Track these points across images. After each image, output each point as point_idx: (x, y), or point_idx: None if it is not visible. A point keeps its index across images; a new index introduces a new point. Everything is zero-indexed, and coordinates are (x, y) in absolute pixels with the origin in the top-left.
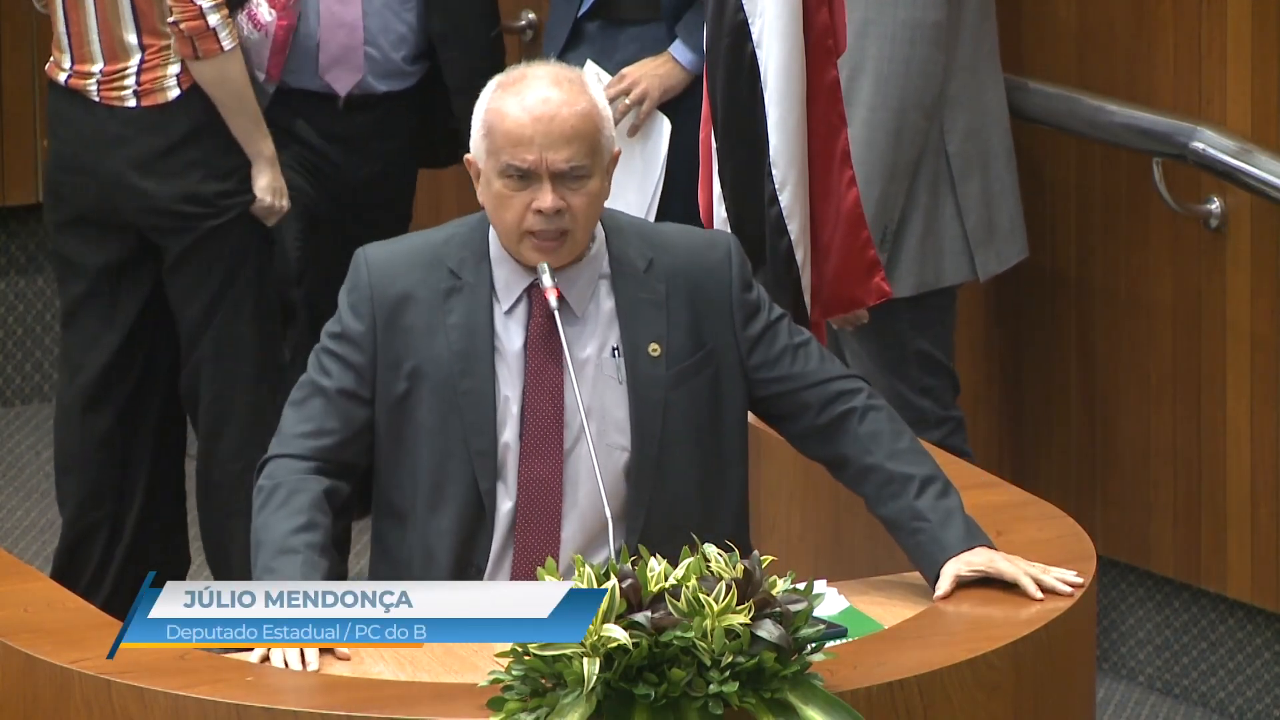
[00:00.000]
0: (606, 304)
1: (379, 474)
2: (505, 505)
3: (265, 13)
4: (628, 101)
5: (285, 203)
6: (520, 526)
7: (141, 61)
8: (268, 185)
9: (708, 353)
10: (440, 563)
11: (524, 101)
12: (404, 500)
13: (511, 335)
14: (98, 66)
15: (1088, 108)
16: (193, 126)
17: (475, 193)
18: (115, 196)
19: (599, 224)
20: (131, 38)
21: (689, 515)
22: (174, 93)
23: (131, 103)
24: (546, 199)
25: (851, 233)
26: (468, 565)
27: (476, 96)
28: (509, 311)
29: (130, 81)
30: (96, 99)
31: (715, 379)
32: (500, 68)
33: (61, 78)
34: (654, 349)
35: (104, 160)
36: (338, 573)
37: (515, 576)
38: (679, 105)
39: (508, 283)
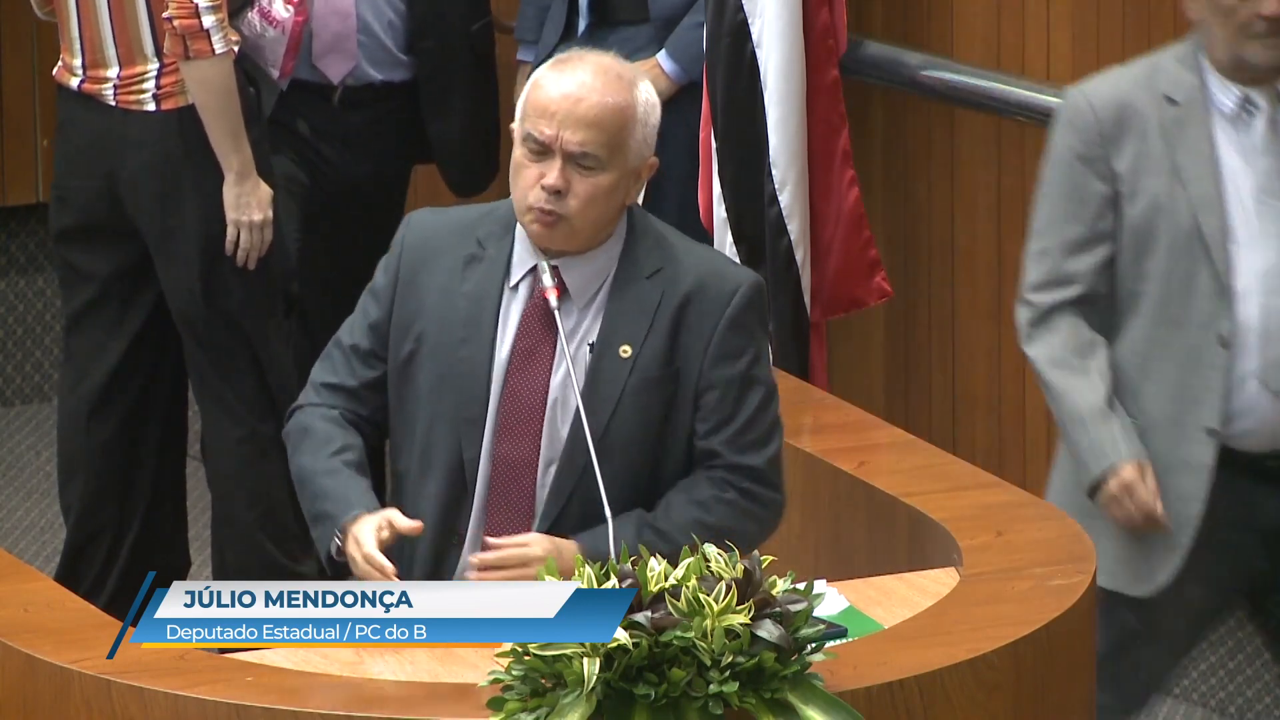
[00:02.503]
0: (603, 300)
1: (391, 438)
2: (481, 477)
3: (281, 9)
4: None
5: (256, 215)
6: (493, 504)
7: (161, 66)
8: (233, 200)
9: (675, 372)
10: (426, 525)
11: (561, 79)
12: (402, 463)
13: (511, 312)
14: (114, 71)
15: None
16: None
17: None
18: (127, 200)
19: (625, 223)
20: (149, 43)
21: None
22: None
23: (150, 106)
24: (553, 175)
25: (852, 232)
26: (451, 533)
27: (443, 89)
28: (514, 287)
29: (150, 85)
30: (113, 103)
31: (672, 399)
32: (483, 61)
33: (74, 82)
34: (625, 350)
35: (120, 164)
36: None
37: (470, 549)
38: (665, 111)
39: (520, 259)
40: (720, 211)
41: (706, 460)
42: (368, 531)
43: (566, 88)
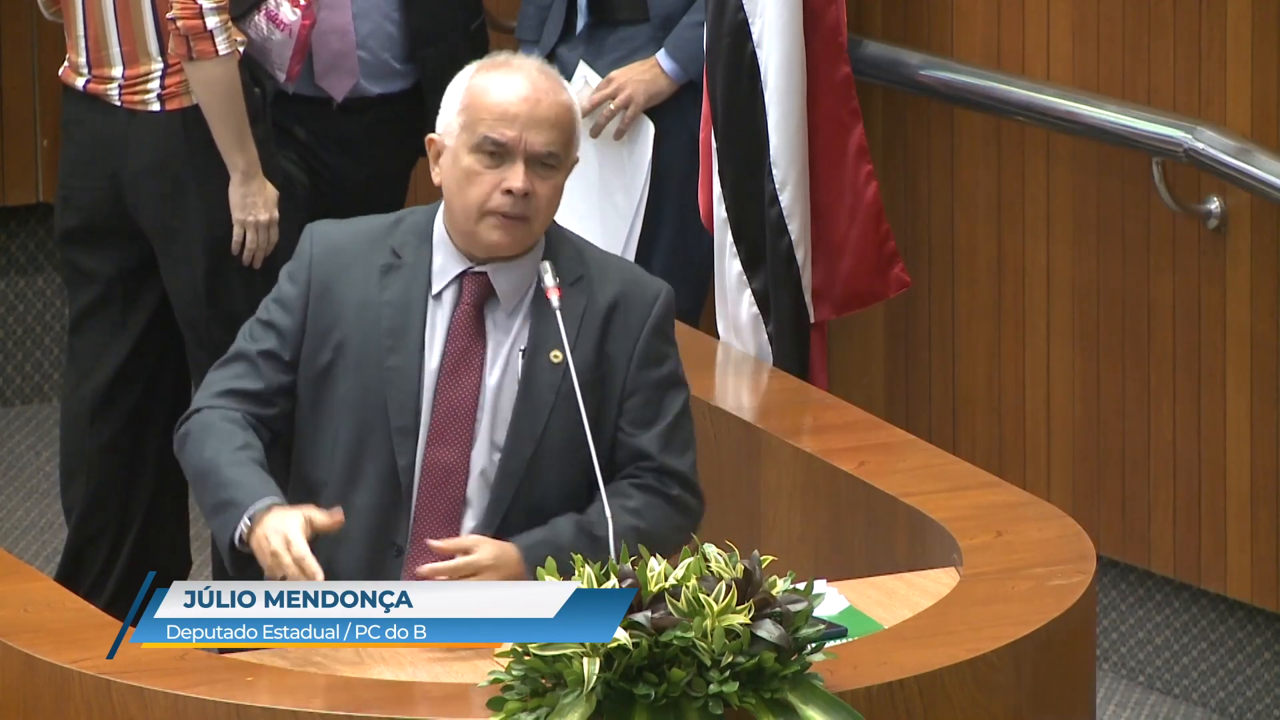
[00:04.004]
0: (528, 305)
1: (297, 447)
2: (416, 486)
3: (288, 12)
4: (613, 106)
5: (262, 216)
6: (422, 509)
7: (166, 66)
8: (239, 201)
9: (601, 376)
10: (354, 539)
11: (510, 81)
12: (319, 474)
13: (437, 320)
14: (118, 71)
15: (1087, 107)
16: None
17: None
18: (131, 200)
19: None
20: (153, 43)
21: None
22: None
23: (155, 106)
24: (518, 179)
25: (871, 226)
26: (387, 545)
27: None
28: (437, 296)
29: (154, 85)
30: (118, 103)
31: (601, 404)
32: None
33: (79, 82)
34: (555, 355)
35: (124, 164)
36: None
37: (413, 557)
38: (665, 111)
39: (443, 267)
40: (720, 211)
41: (634, 461)
42: (295, 528)
43: (520, 90)
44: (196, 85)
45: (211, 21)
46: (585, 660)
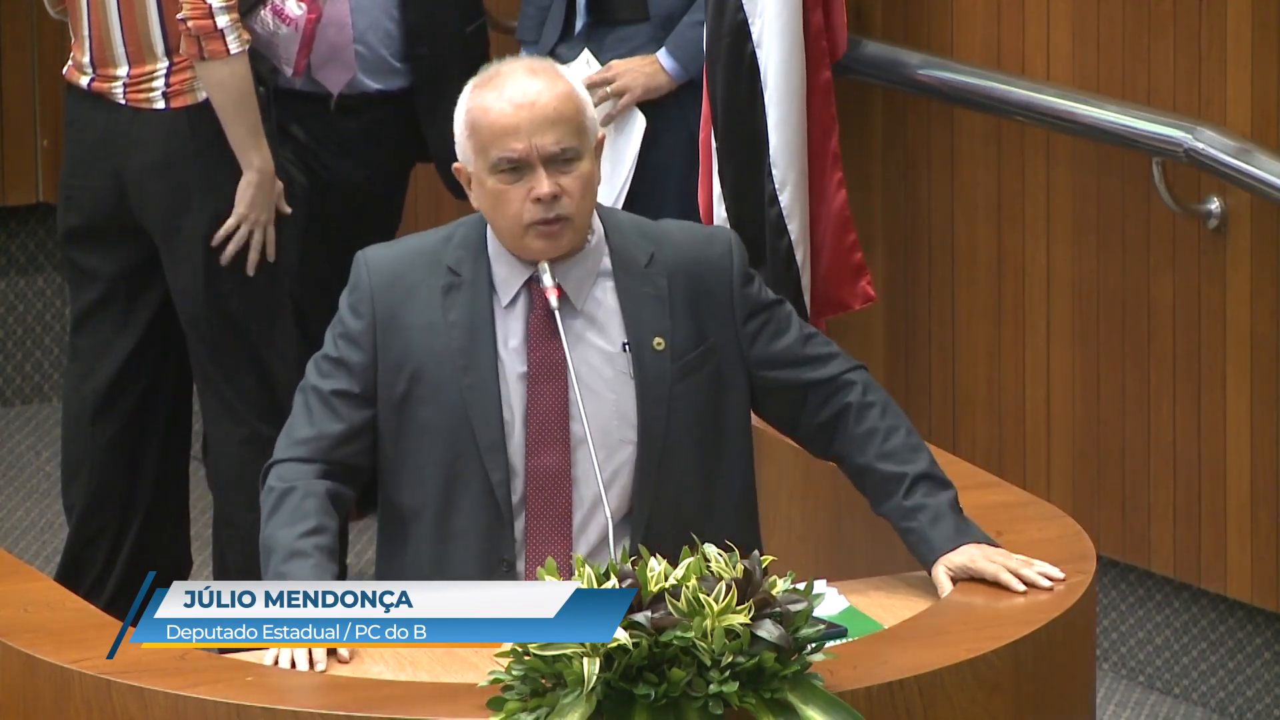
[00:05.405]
0: (610, 300)
1: (383, 477)
2: (516, 498)
3: (294, 6)
4: (608, 90)
5: (273, 214)
6: (531, 519)
7: (171, 64)
8: (249, 198)
9: (710, 347)
10: (458, 563)
11: (503, 93)
12: (413, 503)
13: (511, 330)
14: (122, 70)
15: (1087, 107)
16: (221, 129)
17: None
18: (134, 199)
19: (597, 219)
20: (158, 42)
21: (693, 510)
22: (204, 94)
23: (160, 104)
24: (543, 185)
25: (839, 235)
26: (496, 563)
27: (438, 94)
28: (508, 306)
29: (159, 84)
30: (122, 101)
31: (718, 373)
32: (478, 63)
33: (84, 81)
34: (658, 343)
35: (127, 162)
36: (340, 572)
37: (530, 568)
38: (665, 109)
39: (506, 278)
40: (720, 211)
41: (814, 390)
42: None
43: (515, 98)
44: (210, 85)
45: (222, 20)
46: (585, 660)
